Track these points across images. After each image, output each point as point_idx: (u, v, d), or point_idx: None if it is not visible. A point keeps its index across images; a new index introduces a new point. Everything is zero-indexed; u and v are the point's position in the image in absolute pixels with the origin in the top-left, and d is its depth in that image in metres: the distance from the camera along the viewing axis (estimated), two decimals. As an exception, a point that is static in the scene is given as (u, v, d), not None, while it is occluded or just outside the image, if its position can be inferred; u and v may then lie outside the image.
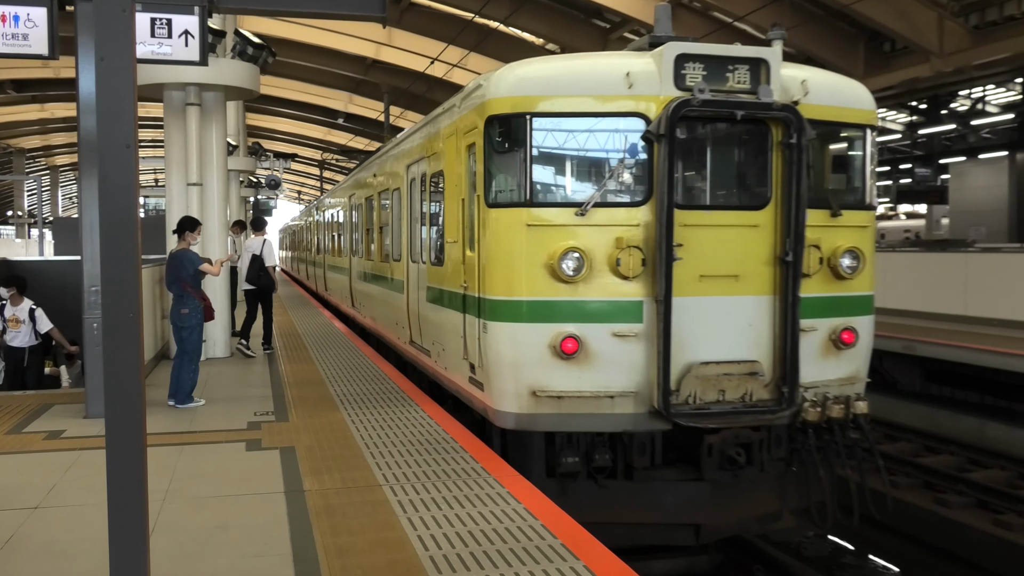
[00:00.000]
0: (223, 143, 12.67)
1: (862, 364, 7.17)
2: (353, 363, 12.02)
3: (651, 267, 6.57)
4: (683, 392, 6.59)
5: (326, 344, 14.24)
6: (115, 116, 3.40)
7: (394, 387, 9.89)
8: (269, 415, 8.48)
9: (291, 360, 12.46)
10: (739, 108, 6.55)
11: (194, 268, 9.19)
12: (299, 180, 78.55)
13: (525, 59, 7.02)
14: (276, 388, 10.04)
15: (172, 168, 12.11)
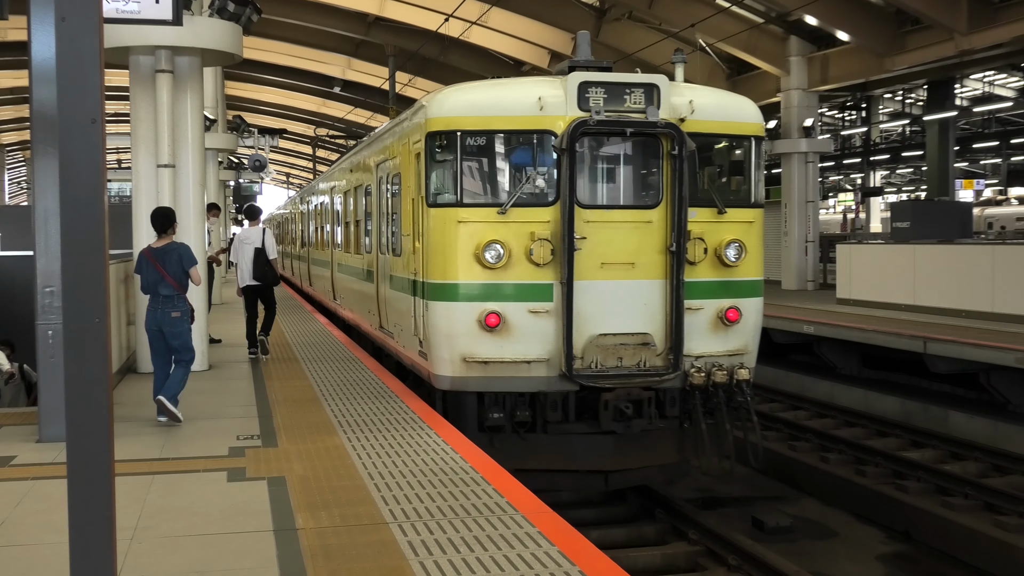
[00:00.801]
0: (199, 117, 12.80)
1: (750, 339, 10.27)
2: (352, 376, 12.11)
3: (559, 256, 9.66)
4: (586, 359, 9.70)
5: (320, 354, 14.35)
6: (79, 86, 3.44)
7: (402, 406, 9.96)
8: (254, 439, 8.57)
9: (280, 374, 12.56)
10: (628, 126, 9.73)
11: (191, 267, 9.58)
12: (288, 161, 79.01)
13: (460, 84, 10.46)
14: (262, 407, 10.14)
15: (139, 147, 12.26)
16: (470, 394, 9.89)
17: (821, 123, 39.86)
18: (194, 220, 12.59)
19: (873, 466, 12.91)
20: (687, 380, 9.90)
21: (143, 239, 12.24)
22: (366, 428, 8.93)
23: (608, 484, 10.22)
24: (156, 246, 9.75)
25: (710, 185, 10.46)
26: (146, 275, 9.63)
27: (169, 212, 9.95)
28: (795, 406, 17.08)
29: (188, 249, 9.76)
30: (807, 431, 14.75)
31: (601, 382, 9.65)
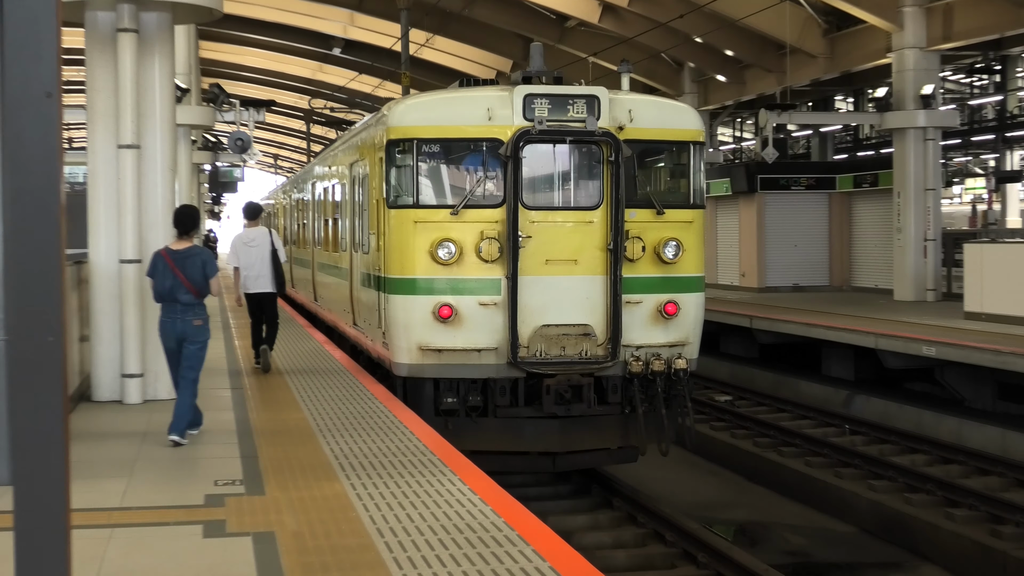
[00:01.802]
0: (169, 87, 12.95)
1: (690, 332, 13.46)
2: (355, 406, 12.22)
3: (505, 253, 12.82)
4: (532, 348, 12.88)
5: (315, 377, 14.48)
6: (31, 52, 3.48)
7: (417, 444, 10.02)
8: (236, 484, 8.65)
9: (267, 402, 12.68)
10: (568, 135, 12.96)
11: (214, 275, 10.54)
12: (277, 140, 79.56)
13: (418, 94, 14.56)
14: (245, 444, 10.23)
15: (96, 123, 12.42)
16: (427, 380, 13.07)
17: (943, 91, 39.61)
18: (163, 213, 12.72)
19: (1014, 525, 12.80)
20: (626, 368, 13.10)
21: (101, 237, 12.42)
22: (373, 471, 8.99)
23: (555, 465, 13.57)
24: (176, 248, 10.59)
25: (648, 188, 13.62)
26: (162, 279, 10.47)
27: (196, 213, 11.01)
28: (912, 448, 16.98)
29: (211, 255, 10.76)
30: (928, 480, 14.65)
31: (544, 369, 12.91)
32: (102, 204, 12.44)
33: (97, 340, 12.54)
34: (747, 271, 33.31)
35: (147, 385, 12.54)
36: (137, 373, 12.41)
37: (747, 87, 35.30)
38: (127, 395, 12.42)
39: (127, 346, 12.37)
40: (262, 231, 15.73)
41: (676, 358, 13.21)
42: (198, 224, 11.00)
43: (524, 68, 13.83)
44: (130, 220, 12.32)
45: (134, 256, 12.33)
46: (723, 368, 25.77)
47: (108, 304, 12.47)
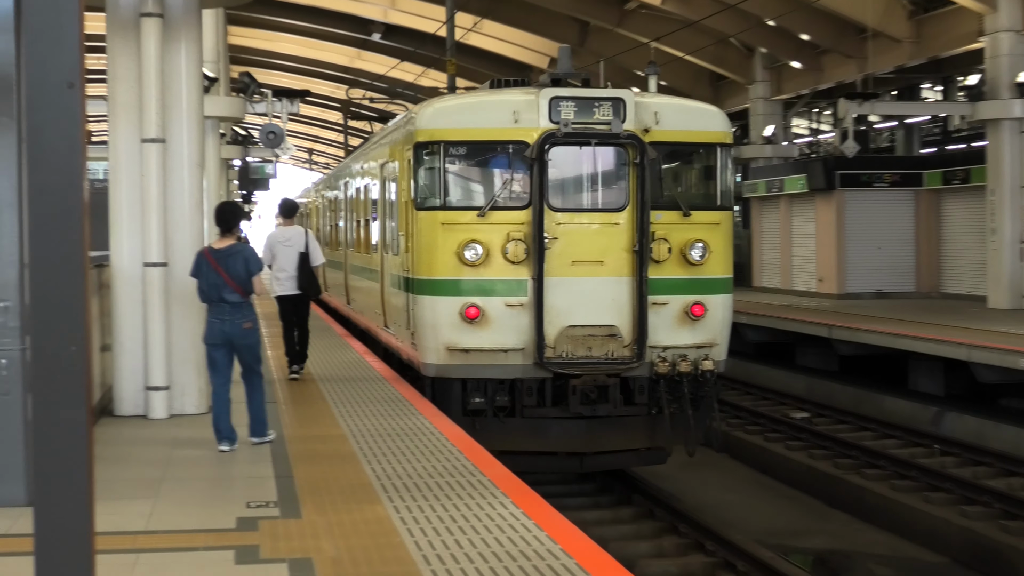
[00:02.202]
0: (197, 75, 13.05)
1: (717, 333, 14.71)
2: (398, 421, 12.25)
3: (531, 254, 14.09)
4: (558, 348, 14.10)
5: (354, 390, 14.56)
6: (52, 39, 3.51)
7: (466, 464, 10.05)
8: (270, 507, 8.70)
9: (302, 417, 12.76)
10: (593, 137, 14.20)
11: (257, 272, 11.15)
12: (311, 132, 80.00)
13: (443, 97, 16.17)
14: (280, 464, 10.29)
15: (117, 115, 12.53)
16: (454, 380, 14.34)
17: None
18: (190, 212, 12.83)
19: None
20: (653, 369, 14.27)
21: (123, 238, 12.53)
22: (418, 492, 9.00)
23: (583, 466, 14.84)
24: (218, 247, 11.17)
25: (676, 189, 14.98)
26: (206, 279, 11.03)
27: (238, 209, 11.72)
28: (1009, 470, 16.83)
29: (254, 252, 11.41)
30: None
31: (570, 369, 14.09)
32: (124, 203, 12.54)
33: (119, 350, 12.65)
34: (825, 276, 33.08)
35: (173, 399, 12.64)
36: (162, 386, 12.51)
37: (825, 74, 35.07)
38: (152, 409, 12.52)
39: (152, 356, 12.47)
40: (298, 230, 16.28)
41: (703, 359, 14.41)
42: (240, 221, 11.48)
43: (579, 53, 15.39)
44: (154, 220, 12.43)
45: (159, 259, 12.43)
46: (799, 382, 25.60)
47: (131, 311, 12.57)
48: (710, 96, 40.31)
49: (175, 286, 12.59)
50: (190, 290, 12.68)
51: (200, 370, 12.76)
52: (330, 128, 73.30)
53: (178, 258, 12.56)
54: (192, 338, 12.68)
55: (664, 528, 14.20)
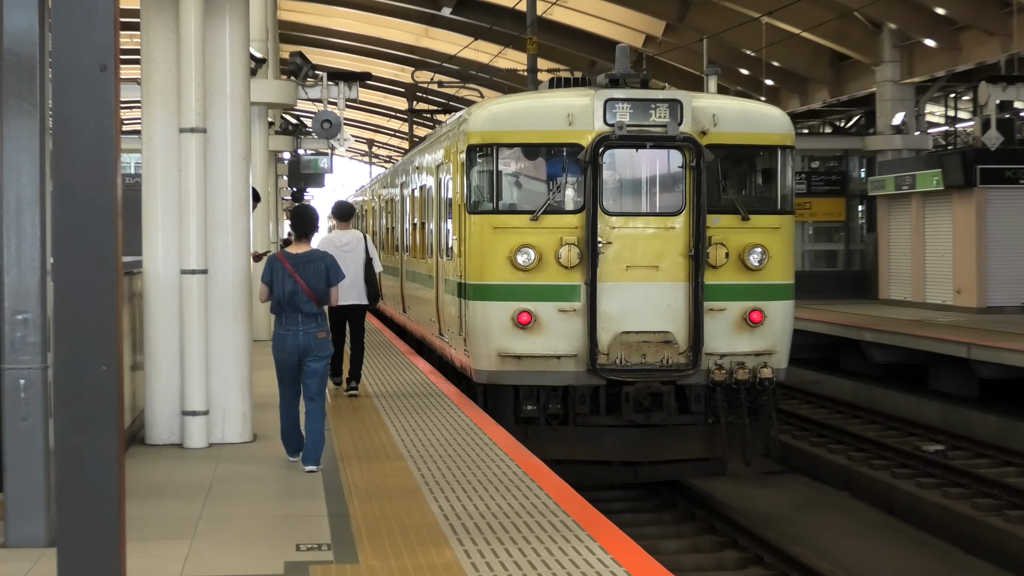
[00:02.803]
0: (243, 56, 13.11)
1: (777, 340, 16.31)
2: (468, 451, 12.23)
3: (585, 259, 15.74)
4: (612, 355, 15.73)
5: (419, 416, 14.54)
6: (84, 16, 3.48)
7: (546, 502, 9.99)
8: (323, 549, 8.67)
9: (356, 445, 12.77)
10: (649, 140, 15.84)
11: (337, 283, 11.93)
12: (373, 122, 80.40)
13: (496, 99, 19.18)
14: (334, 501, 10.28)
15: (153, 101, 12.60)
16: (507, 388, 16.03)
17: None
18: (234, 211, 12.87)
19: None
20: (709, 377, 15.83)
21: (158, 241, 12.61)
22: (492, 534, 8.95)
23: (638, 476, 16.59)
24: (295, 252, 11.87)
25: (734, 193, 16.46)
26: (281, 286, 11.61)
27: (315, 214, 12.32)
28: None
29: (335, 261, 12.07)
30: None
31: (624, 376, 15.67)
32: (160, 201, 12.61)
33: (153, 369, 12.71)
34: (963, 287, 32.64)
35: (213, 425, 12.68)
36: (201, 411, 12.55)
37: (963, 54, 34.65)
38: (189, 437, 12.56)
39: (189, 377, 12.51)
40: (356, 235, 17.01)
41: (762, 367, 16.00)
42: (318, 226, 12.17)
43: (679, 29, 16.36)
44: (194, 220, 12.47)
45: (198, 265, 12.48)
46: (932, 409, 25.30)
47: (166, 325, 12.63)
48: (830, 78, 40.07)
49: (216, 296, 12.65)
50: (233, 301, 12.77)
51: (244, 393, 12.81)
52: (393, 116, 73.65)
53: (220, 264, 12.62)
54: (235, 356, 12.74)
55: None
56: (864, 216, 39.56)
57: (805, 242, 39.66)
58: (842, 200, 39.13)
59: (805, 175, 38.78)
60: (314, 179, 34.10)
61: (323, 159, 33.27)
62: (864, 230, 39.71)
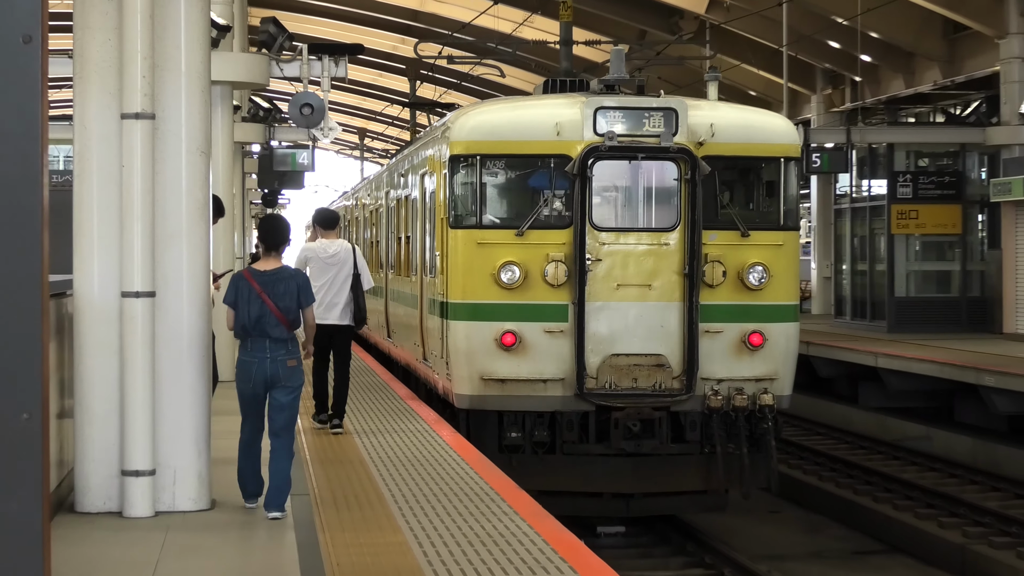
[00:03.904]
0: (203, 23, 13.09)
1: (779, 365, 18.64)
2: (487, 525, 12.20)
3: (573, 277, 18.21)
4: (600, 379, 18.27)
5: (421, 478, 14.49)
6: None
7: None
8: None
9: (348, 522, 12.68)
10: (641, 151, 18.48)
11: (309, 304, 12.75)
12: (365, 107, 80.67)
13: (481, 106, 22.85)
14: None
15: (89, 80, 12.59)
16: (490, 413, 18.28)
17: None
18: (190, 218, 12.80)
19: None
20: (705, 403, 18.10)
21: (94, 256, 12.57)
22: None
23: (629, 509, 18.82)
24: (263, 268, 12.61)
25: (733, 207, 18.82)
26: (247, 308, 12.33)
27: (287, 224, 13.12)
28: None
29: (307, 279, 12.98)
30: None
31: (613, 401, 17.96)
32: (96, 205, 12.57)
33: (85, 418, 12.64)
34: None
35: (160, 489, 12.60)
36: (146, 470, 12.46)
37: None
38: (130, 504, 12.47)
39: (131, 427, 12.43)
40: (344, 246, 18.22)
41: (762, 393, 18.32)
42: (289, 238, 12.77)
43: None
44: (138, 230, 12.40)
45: (143, 287, 12.39)
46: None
47: (103, 361, 12.57)
48: (943, 54, 40.04)
49: (167, 325, 12.58)
50: (188, 331, 12.73)
51: (200, 448, 12.74)
52: (391, 100, 73.82)
53: (171, 285, 12.57)
54: (190, 400, 12.69)
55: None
56: (985, 228, 39.47)
57: (909, 260, 39.72)
58: (957, 208, 39.03)
59: (910, 176, 38.78)
60: (291, 178, 34.07)
61: (302, 153, 33.16)
62: (985, 245, 39.62)
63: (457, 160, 18.73)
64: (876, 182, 41.49)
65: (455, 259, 18.65)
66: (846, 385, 35.56)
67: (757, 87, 52.23)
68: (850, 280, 42.93)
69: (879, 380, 32.38)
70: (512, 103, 20.77)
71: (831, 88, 49.41)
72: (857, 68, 43.77)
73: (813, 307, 51.30)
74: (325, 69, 26.34)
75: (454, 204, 18.82)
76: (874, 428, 32.48)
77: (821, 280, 51.14)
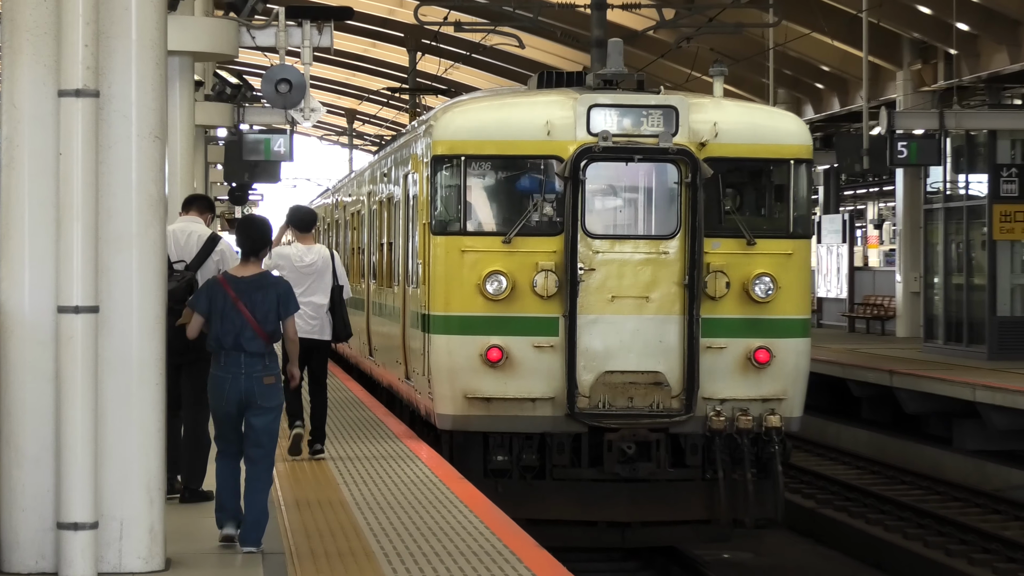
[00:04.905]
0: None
1: (788, 384, 20.64)
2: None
3: (564, 288, 20.44)
4: (593, 397, 20.47)
5: (418, 533, 14.44)
6: None
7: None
8: None
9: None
10: (637, 153, 20.67)
11: (291, 315, 13.38)
12: (355, 83, 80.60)
13: (467, 101, 24.49)
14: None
15: (20, 50, 12.57)
16: (475, 435, 19.85)
17: None
18: (141, 217, 12.74)
19: None
20: (706, 425, 19.53)
21: (24, 264, 12.54)
22: None
23: (625, 540, 20.37)
24: (240, 275, 13.30)
25: (738, 213, 20.36)
26: (224, 320, 13.02)
27: (268, 226, 13.78)
28: None
29: (289, 286, 13.58)
30: None
31: (607, 422, 19.53)
32: (27, 201, 12.54)
33: (13, 458, 12.58)
34: None
35: (105, 545, 12.55)
36: (86, 523, 12.41)
37: None
38: (67, 563, 12.39)
39: (68, 471, 12.37)
40: (322, 251, 19.19)
41: (769, 414, 19.90)
42: (270, 240, 13.38)
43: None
44: (79, 232, 12.38)
45: (84, 300, 12.33)
46: None
47: (35, 389, 12.52)
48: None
49: (113, 346, 12.52)
50: (139, 354, 12.66)
51: (152, 497, 12.70)
52: (387, 75, 73.77)
53: (118, 298, 12.52)
54: (141, 438, 12.62)
55: None
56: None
57: (1015, 272, 39.68)
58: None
59: (1016, 170, 38.64)
60: (264, 170, 34.02)
61: (278, 140, 33.12)
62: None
63: (440, 161, 20.38)
64: (975, 177, 41.39)
65: (437, 268, 20.24)
66: (938, 424, 35.47)
67: (831, 61, 52.13)
68: (943, 296, 42.77)
69: (978, 417, 32.27)
70: (501, 99, 22.32)
71: (921, 63, 49.33)
72: (952, 39, 43.68)
73: (898, 328, 51.27)
74: (306, 37, 26.36)
75: (436, 208, 20.44)
76: (971, 475, 32.39)
77: (907, 296, 51.01)
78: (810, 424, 38.30)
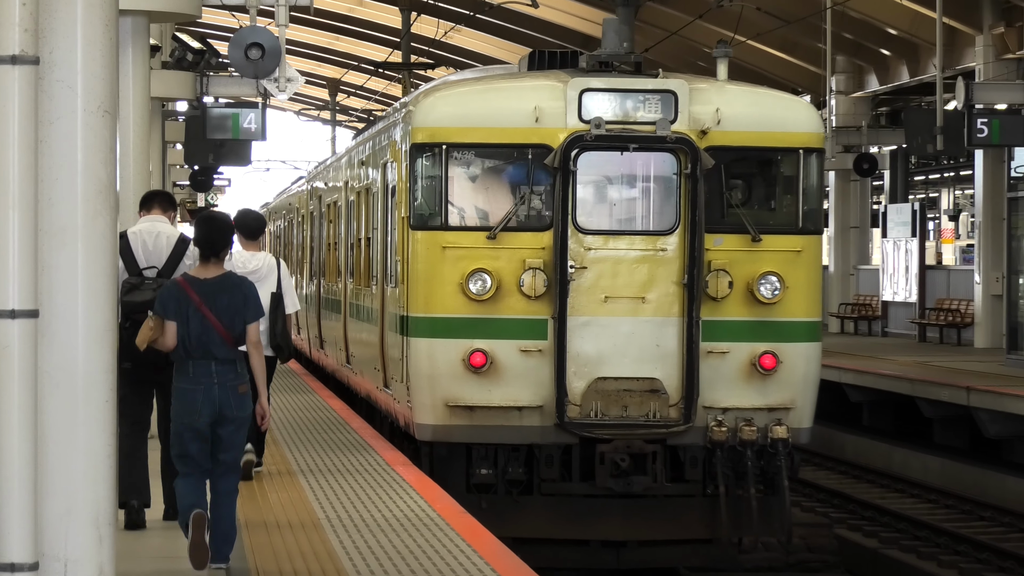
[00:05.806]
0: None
1: (796, 392, 22.72)
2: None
3: (553, 288, 22.78)
4: (585, 406, 22.62)
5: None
6: None
7: None
8: None
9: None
10: (632, 141, 22.75)
11: (257, 319, 14.10)
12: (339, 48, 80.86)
13: (449, 85, 26.74)
14: None
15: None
16: (457, 446, 21.05)
17: None
18: (88, 207, 12.74)
19: None
20: (707, 436, 20.46)
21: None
22: None
23: (619, 560, 21.10)
24: (204, 277, 13.91)
25: (742, 207, 21.13)
26: (187, 324, 13.65)
27: (230, 224, 14.68)
28: None
29: (255, 288, 14.26)
30: None
31: (599, 432, 20.62)
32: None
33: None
34: None
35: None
36: (24, 563, 12.47)
37: None
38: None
39: (3, 502, 12.45)
40: (267, 259, 20.14)
41: (775, 425, 21.13)
42: (232, 240, 13.95)
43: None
44: (15, 223, 12.39)
45: (21, 304, 12.28)
46: None
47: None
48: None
49: (55, 356, 12.42)
50: (86, 366, 12.65)
51: (102, 533, 12.73)
52: (376, 40, 73.93)
53: (60, 301, 12.42)
54: (88, 463, 12.59)
55: None
56: None
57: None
58: None
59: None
60: (232, 150, 34.05)
61: (248, 115, 33.08)
62: None
63: (419, 149, 21.67)
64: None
65: (416, 266, 21.62)
66: (1023, 450, 35.54)
67: (900, 24, 52.28)
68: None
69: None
70: (486, 82, 23.70)
71: (1004, 25, 49.40)
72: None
73: (976, 338, 51.29)
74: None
75: (416, 201, 21.85)
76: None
77: (988, 299, 50.98)
78: (874, 451, 38.57)
